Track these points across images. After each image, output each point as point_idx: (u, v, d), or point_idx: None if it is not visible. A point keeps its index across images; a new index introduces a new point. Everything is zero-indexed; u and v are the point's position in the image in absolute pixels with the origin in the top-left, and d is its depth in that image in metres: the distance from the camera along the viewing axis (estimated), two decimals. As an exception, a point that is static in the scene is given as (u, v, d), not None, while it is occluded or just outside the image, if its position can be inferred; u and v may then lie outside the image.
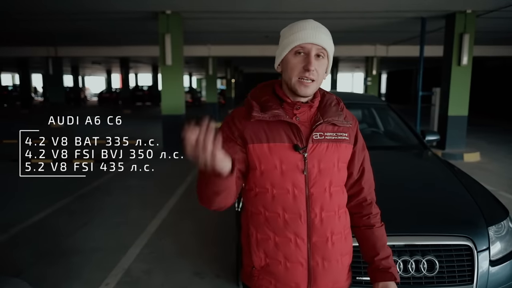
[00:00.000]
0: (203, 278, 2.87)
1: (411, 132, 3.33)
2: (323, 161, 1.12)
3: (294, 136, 1.11)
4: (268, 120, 1.10)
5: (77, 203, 4.70)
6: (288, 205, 1.11)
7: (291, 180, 1.10)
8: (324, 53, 1.09)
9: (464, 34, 7.39)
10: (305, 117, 1.14)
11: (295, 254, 1.13)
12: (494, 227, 2.03)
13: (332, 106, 1.17)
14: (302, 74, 1.07)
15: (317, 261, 1.14)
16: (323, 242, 1.13)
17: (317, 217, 1.12)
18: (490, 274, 1.87)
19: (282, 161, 1.10)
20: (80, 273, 2.94)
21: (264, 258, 1.16)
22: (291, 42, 1.08)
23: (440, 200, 2.19)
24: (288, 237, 1.12)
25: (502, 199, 4.73)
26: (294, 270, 1.13)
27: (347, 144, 1.16)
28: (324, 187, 1.12)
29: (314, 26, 1.09)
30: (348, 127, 1.18)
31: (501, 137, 10.55)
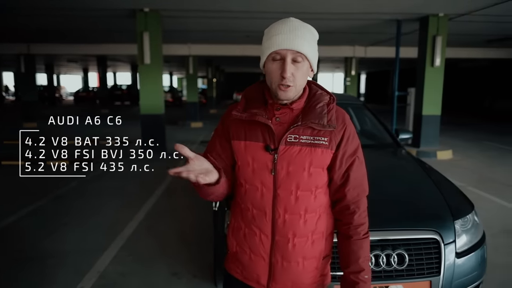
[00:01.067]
0: (181, 279, 2.87)
1: (386, 131, 3.42)
2: (292, 164, 1.12)
3: (268, 136, 1.13)
4: (245, 119, 1.15)
5: (53, 205, 4.59)
6: (256, 202, 1.16)
7: (260, 178, 1.15)
8: (301, 57, 1.08)
9: (437, 36, 7.64)
10: (286, 118, 1.15)
11: (259, 248, 1.18)
12: (460, 221, 2.12)
13: (317, 108, 1.14)
14: (280, 81, 1.08)
15: (277, 259, 1.17)
16: (284, 242, 1.16)
17: (280, 217, 1.14)
18: (456, 265, 1.96)
19: (254, 159, 1.15)
20: (54, 276, 2.87)
21: (235, 245, 1.24)
22: (267, 47, 1.10)
23: (410, 196, 2.27)
24: (254, 230, 1.18)
25: (471, 195, 4.91)
26: (256, 263, 1.20)
27: (325, 149, 1.13)
28: (290, 189, 1.13)
29: (291, 28, 1.07)
30: (330, 131, 1.13)
31: (474, 135, 10.95)
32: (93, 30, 10.32)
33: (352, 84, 15.47)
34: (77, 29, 10.25)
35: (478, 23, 8.31)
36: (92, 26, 9.65)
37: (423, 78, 7.94)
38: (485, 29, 9.29)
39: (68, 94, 37.25)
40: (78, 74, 36.98)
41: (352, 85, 15.48)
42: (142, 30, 7.38)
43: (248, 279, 1.23)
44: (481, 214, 4.22)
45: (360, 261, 1.16)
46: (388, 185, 2.41)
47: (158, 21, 7.57)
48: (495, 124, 14.29)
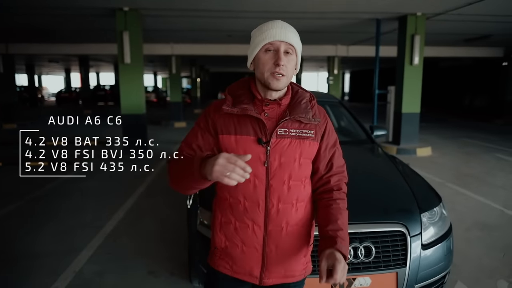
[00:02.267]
0: (158, 277, 2.86)
1: (361, 128, 3.49)
2: (284, 155, 1.19)
3: (260, 130, 1.18)
4: (236, 113, 1.19)
5: (29, 207, 4.51)
6: (248, 194, 1.20)
7: (253, 170, 1.15)
8: (292, 50, 1.17)
9: (415, 35, 7.79)
10: (274, 113, 1.21)
11: (251, 239, 1.22)
12: (428, 214, 2.18)
13: (302, 104, 1.23)
14: (273, 69, 1.15)
15: (271, 248, 1.22)
16: (278, 231, 1.21)
17: (274, 207, 1.20)
18: (422, 257, 2.02)
19: (246, 153, 1.17)
20: (27, 278, 2.83)
21: (224, 240, 1.26)
22: (261, 40, 1.16)
23: (379, 191, 2.33)
24: (246, 223, 1.21)
25: (448, 190, 5.09)
26: (249, 254, 1.23)
27: (312, 142, 1.22)
28: (283, 180, 1.19)
29: (282, 25, 1.17)
30: (315, 125, 1.23)
31: (453, 132, 11.20)
32: (74, 29, 10.14)
33: (335, 83, 15.62)
34: (57, 28, 10.06)
35: (455, 22, 8.51)
36: (73, 26, 9.49)
37: (402, 76, 8.08)
38: (462, 28, 9.52)
39: (50, 94, 36.47)
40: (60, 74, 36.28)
41: (335, 84, 15.63)
42: (122, 29, 7.30)
43: (239, 273, 1.25)
44: (456, 209, 4.37)
45: (339, 222, 1.21)
46: (357, 180, 2.45)
47: (138, 20, 7.50)
48: (475, 121, 14.65)
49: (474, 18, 8.03)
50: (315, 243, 1.37)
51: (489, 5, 6.81)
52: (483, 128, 12.50)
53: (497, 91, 16.35)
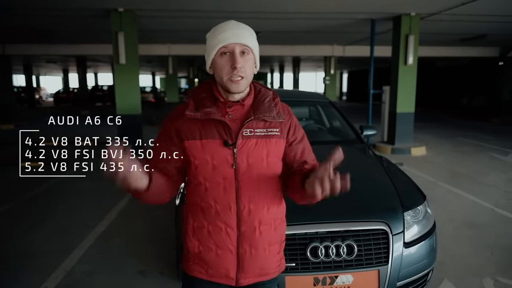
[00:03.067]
0: (147, 277, 2.89)
1: (350, 128, 3.51)
2: (251, 156, 1.19)
3: (225, 132, 1.18)
4: (200, 118, 1.18)
5: (22, 207, 4.53)
6: (219, 197, 1.20)
7: (221, 174, 1.19)
8: (248, 50, 1.16)
9: (409, 35, 7.82)
10: (238, 115, 1.21)
11: (225, 242, 1.21)
12: (411, 212, 2.21)
13: (265, 103, 1.23)
14: (231, 73, 1.14)
15: (245, 249, 1.22)
16: (251, 231, 1.22)
17: (245, 208, 1.20)
18: (404, 255, 2.04)
19: (213, 157, 1.18)
20: (18, 277, 2.85)
21: (198, 245, 1.25)
22: (215, 44, 1.16)
23: (364, 189, 2.34)
24: (219, 226, 1.21)
25: (440, 189, 5.12)
26: (224, 257, 1.23)
27: (278, 139, 1.22)
28: (252, 180, 1.20)
29: (235, 26, 1.16)
30: (280, 122, 1.23)
31: (448, 132, 11.24)
32: (71, 30, 10.16)
33: (331, 83, 15.66)
34: (54, 29, 10.08)
35: (450, 22, 8.54)
36: (70, 26, 9.51)
37: (397, 76, 8.12)
38: (457, 28, 9.56)
39: (48, 95, 36.46)
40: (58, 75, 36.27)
41: (331, 84, 15.67)
42: (117, 30, 7.32)
43: (214, 276, 1.25)
44: (448, 208, 4.40)
45: None
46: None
47: (134, 21, 7.53)
48: (471, 120, 14.69)
49: (469, 18, 8.07)
50: (287, 242, 1.40)
51: (482, 5, 6.85)
52: (479, 127, 12.54)
53: (493, 90, 16.41)
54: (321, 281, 1.92)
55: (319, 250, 1.92)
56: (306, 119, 4.22)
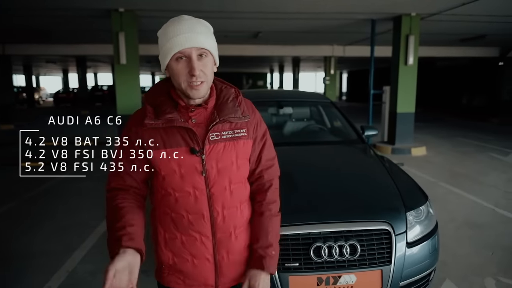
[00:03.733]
0: (150, 276, 2.87)
1: (352, 128, 3.52)
2: (221, 161, 1.13)
3: (190, 139, 1.11)
4: (162, 126, 1.10)
5: (23, 207, 4.53)
6: (190, 207, 1.14)
7: (191, 182, 1.12)
8: (206, 52, 1.08)
9: (409, 35, 7.84)
10: (201, 118, 1.14)
11: (201, 251, 1.17)
12: (414, 212, 2.22)
13: (229, 103, 1.16)
14: (190, 79, 1.06)
15: (223, 255, 1.19)
16: (227, 237, 1.18)
17: (219, 215, 1.16)
18: (407, 255, 2.05)
19: (180, 165, 1.11)
20: (20, 278, 2.86)
21: (171, 256, 1.20)
22: (169, 49, 1.06)
23: (366, 189, 2.36)
24: (193, 236, 1.16)
25: (440, 189, 5.13)
26: (201, 266, 1.18)
27: (246, 140, 1.17)
28: (224, 186, 1.15)
29: (190, 27, 1.06)
30: (246, 122, 1.18)
31: (448, 132, 11.26)
32: (71, 30, 10.16)
33: (331, 83, 15.67)
34: (54, 29, 10.08)
35: (450, 22, 8.56)
36: (70, 26, 9.51)
37: (397, 76, 8.13)
38: (457, 28, 9.57)
39: (48, 95, 36.45)
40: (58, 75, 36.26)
41: (331, 84, 15.68)
42: (118, 30, 7.32)
43: (192, 285, 1.21)
44: (448, 208, 4.42)
45: (269, 237, 1.22)
46: (345, 179, 2.51)
47: (134, 21, 7.54)
48: (471, 121, 14.71)
49: (469, 18, 8.08)
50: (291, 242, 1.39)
51: (482, 6, 6.86)
52: (479, 127, 12.56)
53: (493, 90, 16.43)
54: (324, 281, 1.92)
55: (322, 250, 1.92)
56: (307, 119, 4.23)
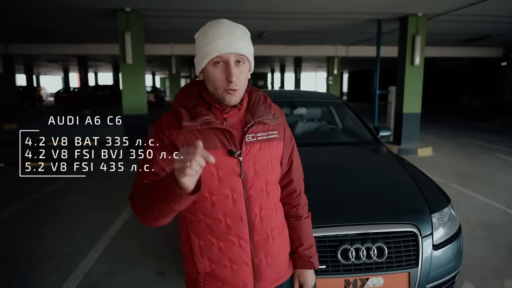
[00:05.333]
0: (166, 277, 2.87)
1: (366, 129, 3.50)
2: (258, 162, 1.13)
3: (228, 141, 1.10)
4: (200, 128, 1.08)
5: (32, 208, 4.50)
6: (228, 210, 1.12)
7: (229, 185, 1.11)
8: (243, 59, 1.07)
9: (416, 35, 7.82)
10: (235, 120, 1.13)
11: (240, 255, 1.15)
12: (437, 214, 2.20)
13: (261, 105, 1.17)
14: (226, 86, 1.05)
15: (261, 258, 1.18)
16: (264, 240, 1.17)
17: (257, 217, 1.15)
18: (433, 257, 2.03)
19: (218, 168, 1.09)
20: (36, 279, 2.84)
21: (209, 264, 1.17)
22: (208, 53, 1.04)
23: (390, 191, 2.34)
24: (231, 240, 1.14)
25: (450, 190, 5.11)
26: (240, 271, 1.16)
27: (278, 142, 1.18)
28: (261, 187, 1.15)
29: (229, 32, 1.04)
30: (277, 124, 1.19)
31: (452, 133, 11.25)
32: (73, 30, 10.14)
33: (334, 83, 15.66)
34: (56, 29, 10.05)
35: (456, 22, 8.55)
36: (72, 26, 9.49)
37: (403, 76, 8.12)
38: (462, 28, 9.57)
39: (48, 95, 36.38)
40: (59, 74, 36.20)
41: (334, 84, 15.67)
42: (124, 30, 7.30)
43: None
44: (460, 209, 4.40)
45: (310, 237, 1.31)
46: (368, 181, 2.48)
47: (140, 20, 7.51)
48: (474, 121, 14.71)
49: (475, 18, 8.07)
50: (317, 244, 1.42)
51: (490, 6, 6.85)
52: (482, 128, 12.55)
53: (496, 91, 16.43)
54: (352, 283, 1.91)
55: (349, 252, 1.90)
56: (322, 120, 4.21)
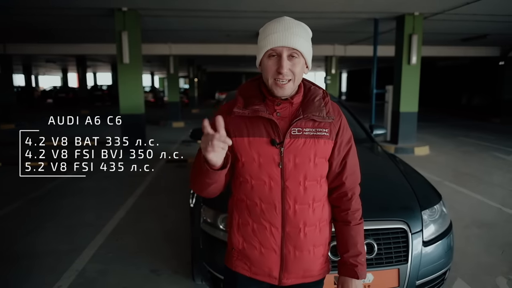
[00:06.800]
0: (160, 275, 2.88)
1: (360, 127, 3.52)
2: (299, 156, 1.17)
3: (272, 131, 1.16)
4: (248, 115, 1.17)
5: (29, 207, 4.51)
6: (264, 196, 1.19)
7: (267, 172, 1.17)
8: (297, 53, 1.13)
9: (413, 35, 7.84)
10: (286, 113, 1.19)
11: (269, 241, 1.21)
12: (428, 211, 2.21)
13: (315, 101, 1.20)
14: (276, 76, 1.13)
15: (289, 250, 1.21)
16: (295, 233, 1.20)
17: (291, 208, 1.18)
18: (423, 254, 2.04)
19: (260, 154, 1.17)
20: (30, 277, 2.84)
21: (242, 241, 1.25)
22: (264, 46, 1.14)
23: (381, 188, 2.35)
24: (263, 224, 1.20)
25: (446, 188, 5.13)
26: (267, 256, 1.22)
27: (327, 140, 1.20)
28: (298, 180, 1.18)
29: (286, 27, 1.12)
30: (330, 123, 1.20)
31: (450, 132, 11.28)
32: (71, 29, 10.13)
33: (332, 83, 15.67)
34: (55, 29, 10.05)
35: (452, 21, 8.56)
36: (70, 26, 9.48)
37: (400, 76, 8.13)
38: (459, 27, 9.58)
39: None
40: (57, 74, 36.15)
41: (332, 83, 15.68)
42: (121, 29, 7.30)
43: (257, 274, 1.24)
44: (455, 207, 4.42)
45: (358, 246, 1.27)
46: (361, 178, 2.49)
47: (137, 20, 7.52)
48: (472, 120, 14.74)
49: (471, 18, 8.08)
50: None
51: (486, 5, 6.87)
52: (480, 127, 12.58)
53: (494, 90, 16.45)
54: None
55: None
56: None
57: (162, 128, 12.73)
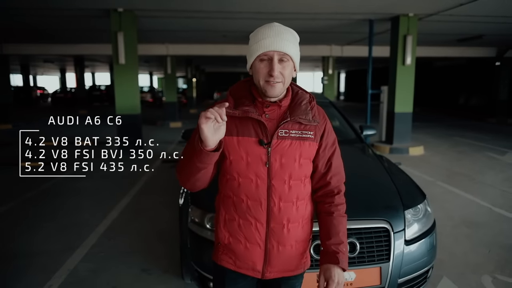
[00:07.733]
0: (151, 274, 2.92)
1: (350, 128, 3.56)
2: (285, 156, 1.23)
3: (261, 131, 1.23)
4: (238, 116, 1.22)
5: (23, 207, 4.54)
6: (250, 193, 1.25)
7: (254, 171, 1.24)
8: (287, 58, 1.19)
9: (407, 35, 7.88)
10: (275, 115, 1.25)
11: (254, 236, 1.27)
12: (412, 210, 2.26)
13: (302, 105, 1.26)
14: (268, 78, 1.19)
15: (273, 245, 1.28)
16: (279, 228, 1.27)
17: (275, 206, 1.25)
18: (405, 252, 2.09)
19: (248, 153, 1.23)
20: (21, 276, 2.88)
21: (228, 236, 1.31)
22: (255, 50, 1.19)
23: (365, 188, 2.39)
24: (249, 220, 1.27)
25: (438, 188, 5.18)
26: (252, 250, 1.29)
27: (312, 142, 1.26)
28: (284, 179, 1.24)
29: (277, 32, 1.19)
30: (315, 126, 1.27)
31: (445, 132, 11.32)
32: (69, 30, 10.15)
33: (330, 83, 15.71)
34: (52, 29, 10.07)
35: (448, 22, 8.60)
36: (68, 26, 9.50)
37: (395, 76, 8.17)
38: (455, 28, 9.62)
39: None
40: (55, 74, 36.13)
41: (329, 84, 15.72)
42: (117, 30, 7.33)
43: (241, 268, 1.31)
44: (445, 207, 4.46)
45: (340, 234, 1.31)
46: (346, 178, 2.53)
47: (133, 21, 7.54)
48: (468, 120, 14.79)
49: (466, 18, 8.13)
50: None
51: (480, 6, 6.91)
52: (476, 127, 12.63)
53: (490, 90, 16.51)
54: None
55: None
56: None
57: (159, 128, 12.75)
